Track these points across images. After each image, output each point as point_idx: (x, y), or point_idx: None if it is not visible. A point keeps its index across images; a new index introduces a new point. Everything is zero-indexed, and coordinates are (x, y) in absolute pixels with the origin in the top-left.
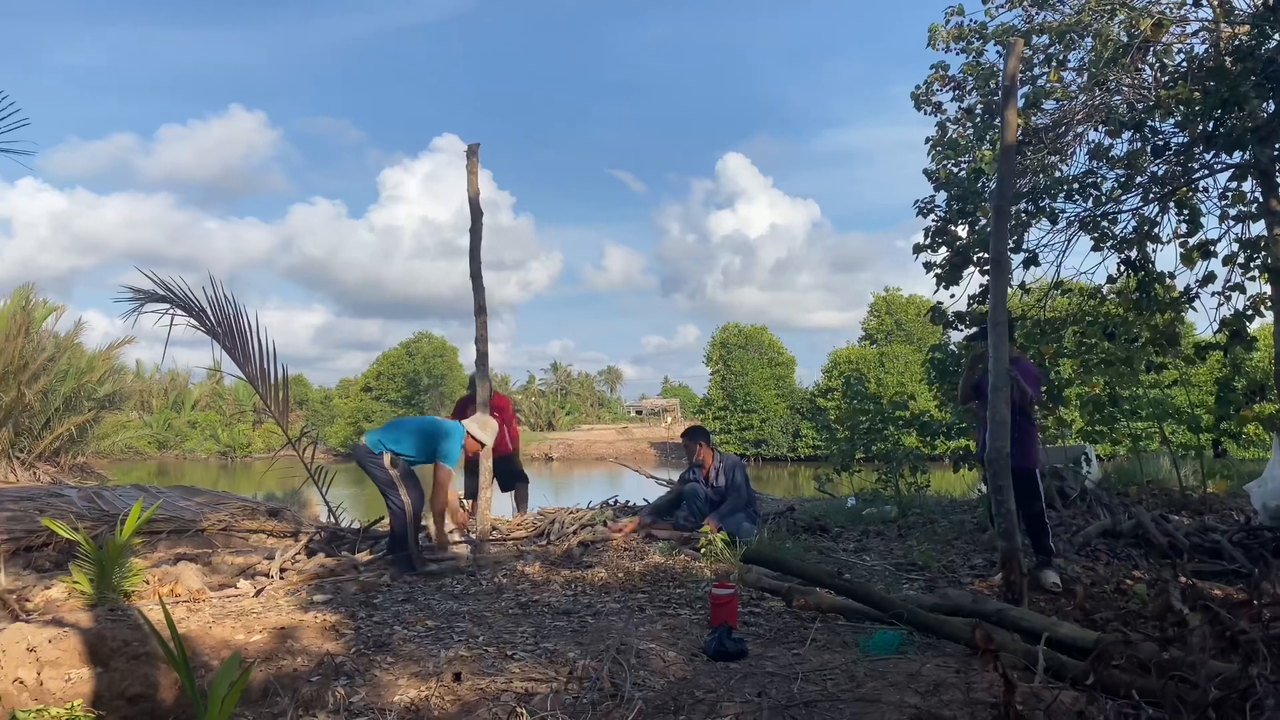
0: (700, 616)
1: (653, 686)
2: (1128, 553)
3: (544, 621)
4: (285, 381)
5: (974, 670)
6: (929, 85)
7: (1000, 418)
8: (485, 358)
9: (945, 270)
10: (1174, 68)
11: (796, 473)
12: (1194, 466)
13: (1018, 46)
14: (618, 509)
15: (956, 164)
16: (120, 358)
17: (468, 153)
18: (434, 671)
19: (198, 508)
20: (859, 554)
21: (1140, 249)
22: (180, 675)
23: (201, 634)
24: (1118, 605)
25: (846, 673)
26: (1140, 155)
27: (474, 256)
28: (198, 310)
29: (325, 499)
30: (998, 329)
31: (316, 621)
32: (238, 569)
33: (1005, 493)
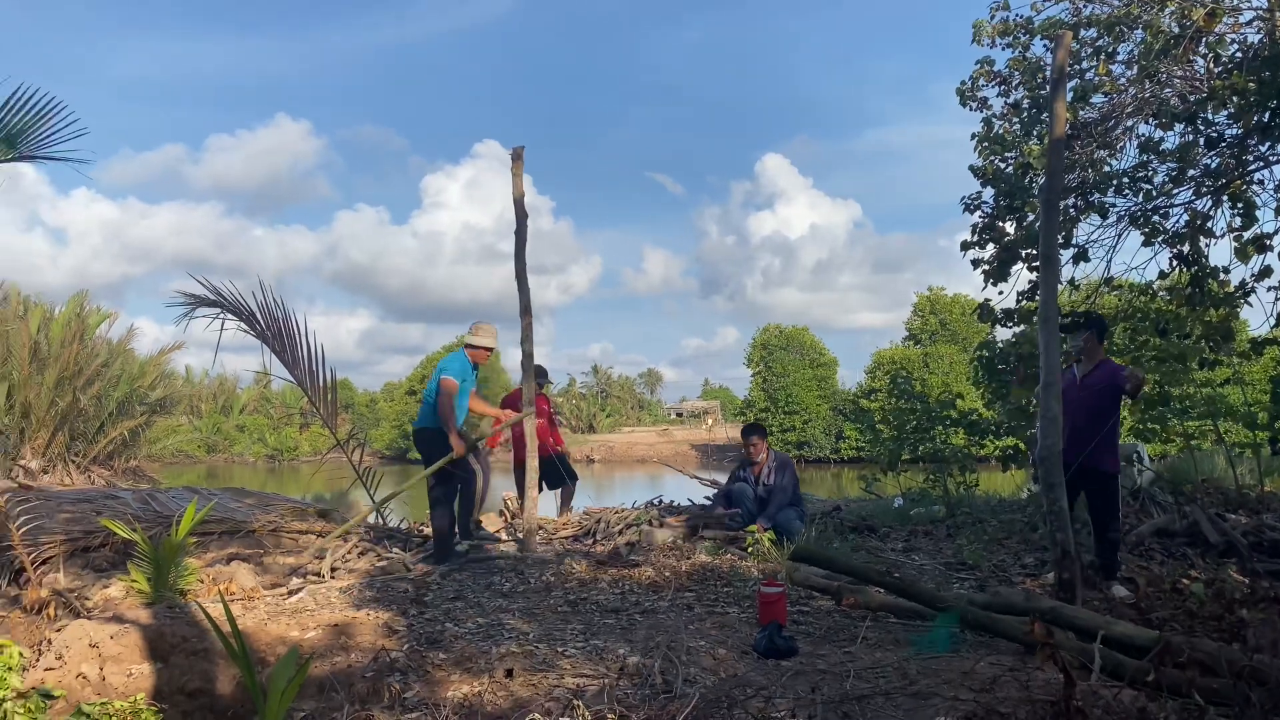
0: (748, 615)
1: (704, 683)
2: (1183, 551)
3: (593, 619)
4: (334, 384)
5: (1028, 668)
6: (974, 81)
7: (1051, 415)
8: (531, 359)
9: (993, 267)
10: (1228, 58)
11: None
12: (1250, 465)
13: (1066, 39)
14: (662, 509)
15: (1003, 159)
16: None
17: (512, 156)
18: (486, 668)
19: (248, 509)
20: (907, 553)
21: (1193, 243)
22: (241, 669)
23: (257, 630)
24: (1174, 604)
25: (899, 670)
26: (1192, 148)
27: (519, 258)
28: (248, 315)
29: (373, 499)
30: (1048, 326)
31: (369, 619)
32: (289, 568)
33: (1057, 490)
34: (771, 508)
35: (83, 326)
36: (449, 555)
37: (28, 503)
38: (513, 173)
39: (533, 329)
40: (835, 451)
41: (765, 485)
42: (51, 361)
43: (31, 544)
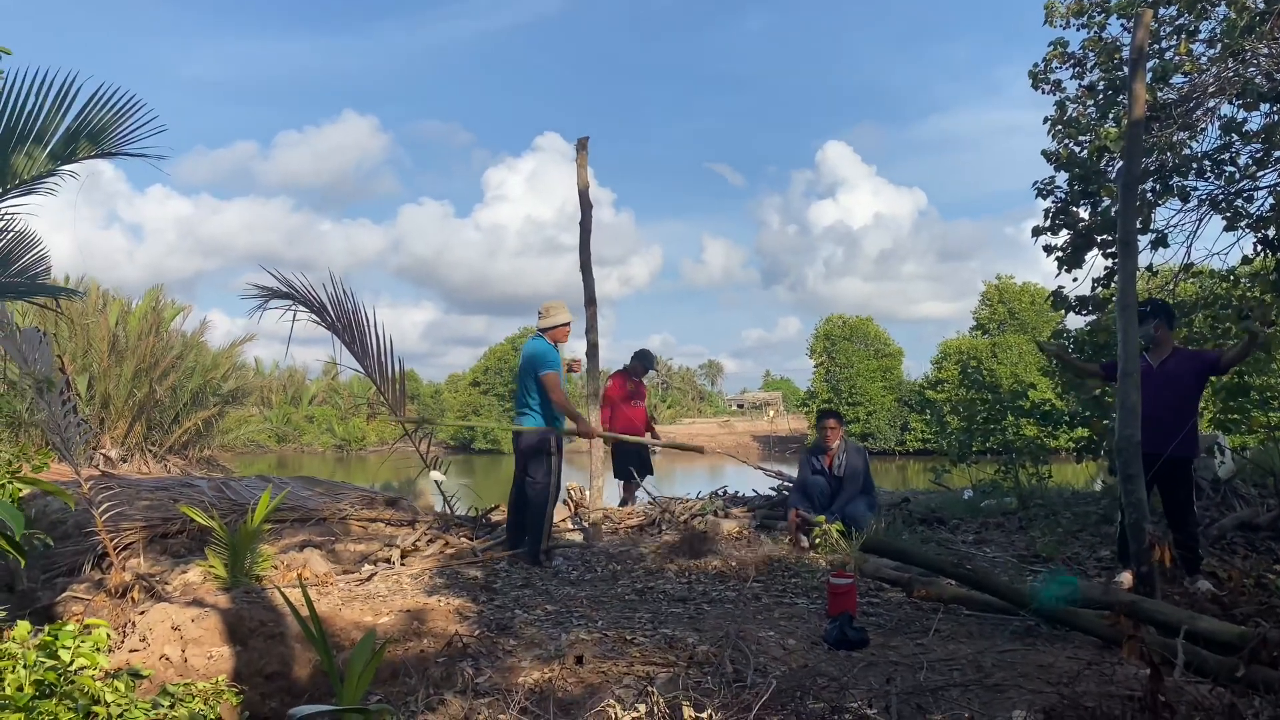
0: (817, 606)
1: (774, 672)
2: (1267, 546)
3: (660, 608)
4: (403, 376)
5: (1108, 662)
6: (1047, 63)
7: (1130, 404)
8: (596, 348)
9: (1066, 253)
10: None
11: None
12: None
13: (1145, 17)
14: (727, 499)
15: (1077, 143)
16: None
17: (577, 147)
18: (556, 654)
19: (318, 497)
20: (978, 546)
21: (1278, 228)
22: (319, 653)
23: (332, 615)
24: (1259, 599)
25: (973, 662)
26: (1278, 128)
27: (584, 247)
28: (319, 306)
29: (440, 489)
30: (1126, 313)
31: (440, 605)
32: (360, 555)
33: (1135, 481)
34: (842, 498)
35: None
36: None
37: (109, 490)
38: (577, 163)
39: (596, 318)
40: (900, 444)
41: (837, 474)
42: (129, 354)
43: (113, 530)
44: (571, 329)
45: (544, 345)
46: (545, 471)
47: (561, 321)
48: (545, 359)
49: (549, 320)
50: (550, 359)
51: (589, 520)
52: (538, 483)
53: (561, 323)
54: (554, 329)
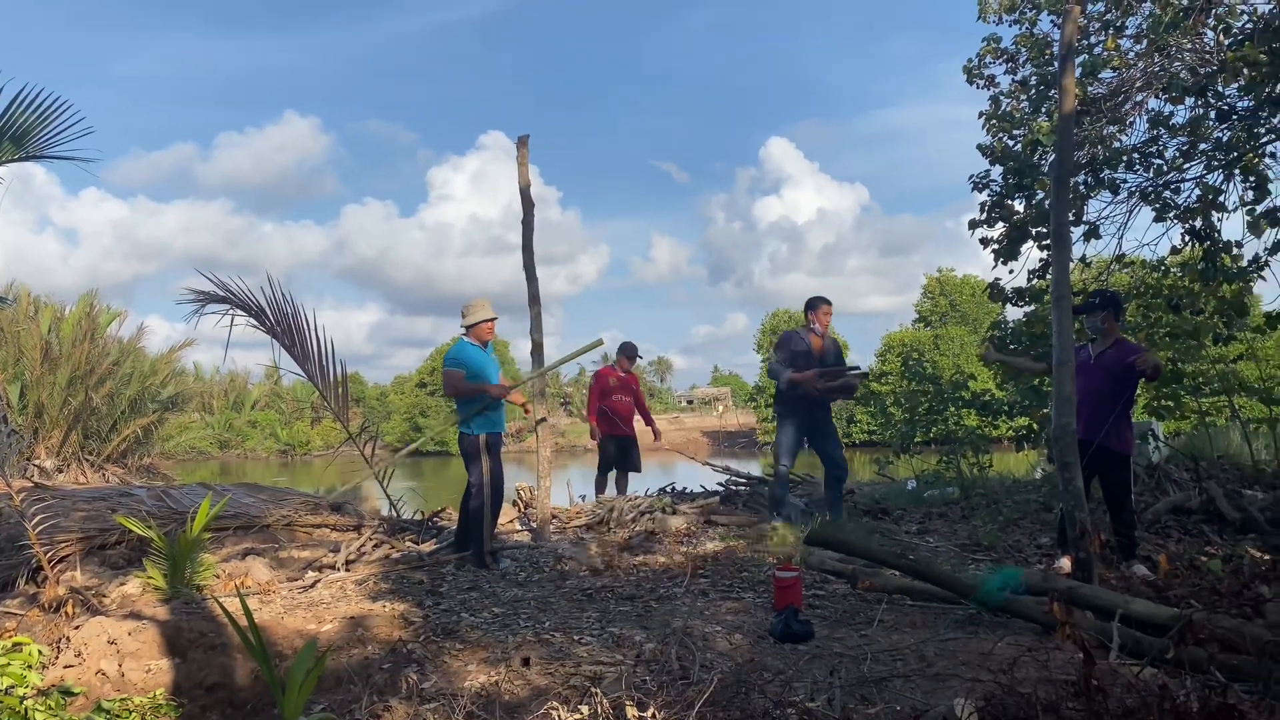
0: (764, 600)
1: (721, 668)
2: (1199, 529)
3: (608, 607)
4: (344, 378)
5: (1046, 648)
6: (981, 59)
7: (1065, 394)
8: (540, 348)
9: (1002, 246)
10: (1239, 29)
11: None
12: (1266, 440)
13: (1074, 13)
14: (675, 496)
15: (1012, 137)
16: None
17: (518, 144)
18: (502, 657)
19: (261, 504)
20: (922, 536)
21: (1205, 218)
22: (259, 663)
23: (274, 624)
24: (1192, 581)
25: (916, 652)
26: (1203, 122)
27: (526, 248)
28: (257, 310)
29: (386, 492)
30: (1061, 304)
31: (385, 611)
32: (304, 562)
33: (1072, 469)
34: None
35: (93, 326)
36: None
37: (43, 502)
38: (518, 162)
39: (542, 318)
40: (847, 435)
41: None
42: (63, 361)
43: (48, 542)
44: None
45: (458, 346)
46: (479, 473)
47: (480, 319)
48: (448, 359)
49: (467, 320)
50: (453, 357)
51: (537, 520)
52: (473, 484)
53: (481, 320)
54: (476, 326)
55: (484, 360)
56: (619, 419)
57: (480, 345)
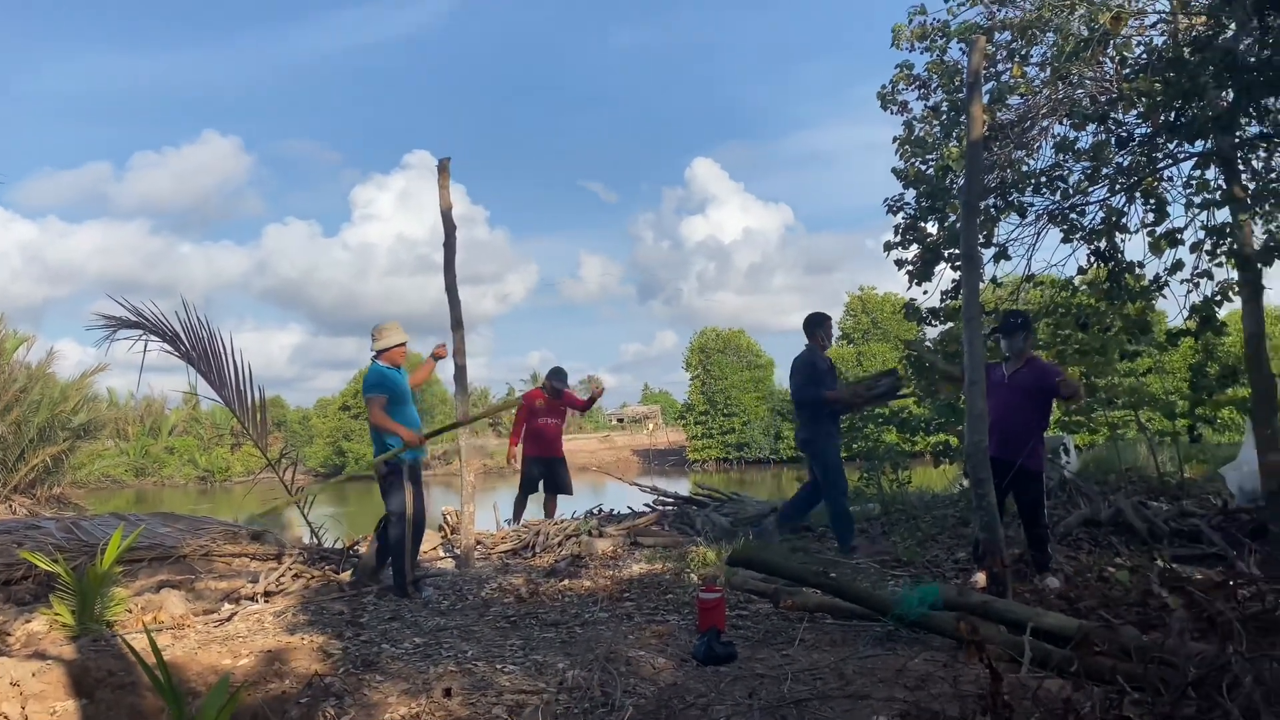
0: (688, 621)
1: (643, 693)
2: (1109, 540)
3: (532, 633)
4: (263, 403)
5: (961, 663)
6: (894, 85)
7: (977, 411)
8: (463, 371)
9: (917, 267)
10: (1134, 60)
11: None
12: (1171, 452)
13: (980, 43)
14: (602, 518)
15: (924, 162)
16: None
17: (439, 167)
18: (424, 688)
19: (178, 534)
20: (844, 552)
21: (1109, 239)
22: (167, 702)
23: (187, 661)
24: (1101, 593)
25: (835, 671)
26: (1105, 147)
27: (448, 270)
28: (171, 335)
29: (307, 520)
30: (971, 324)
31: (304, 643)
32: (222, 594)
33: (985, 486)
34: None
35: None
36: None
37: None
38: (439, 185)
39: (465, 341)
40: (774, 452)
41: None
42: None
43: None
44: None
45: (375, 371)
46: (400, 501)
47: (392, 343)
48: (370, 384)
49: (382, 342)
50: (372, 383)
51: (461, 547)
52: (392, 513)
53: (393, 344)
54: (389, 350)
55: (404, 384)
56: (546, 441)
57: (394, 368)
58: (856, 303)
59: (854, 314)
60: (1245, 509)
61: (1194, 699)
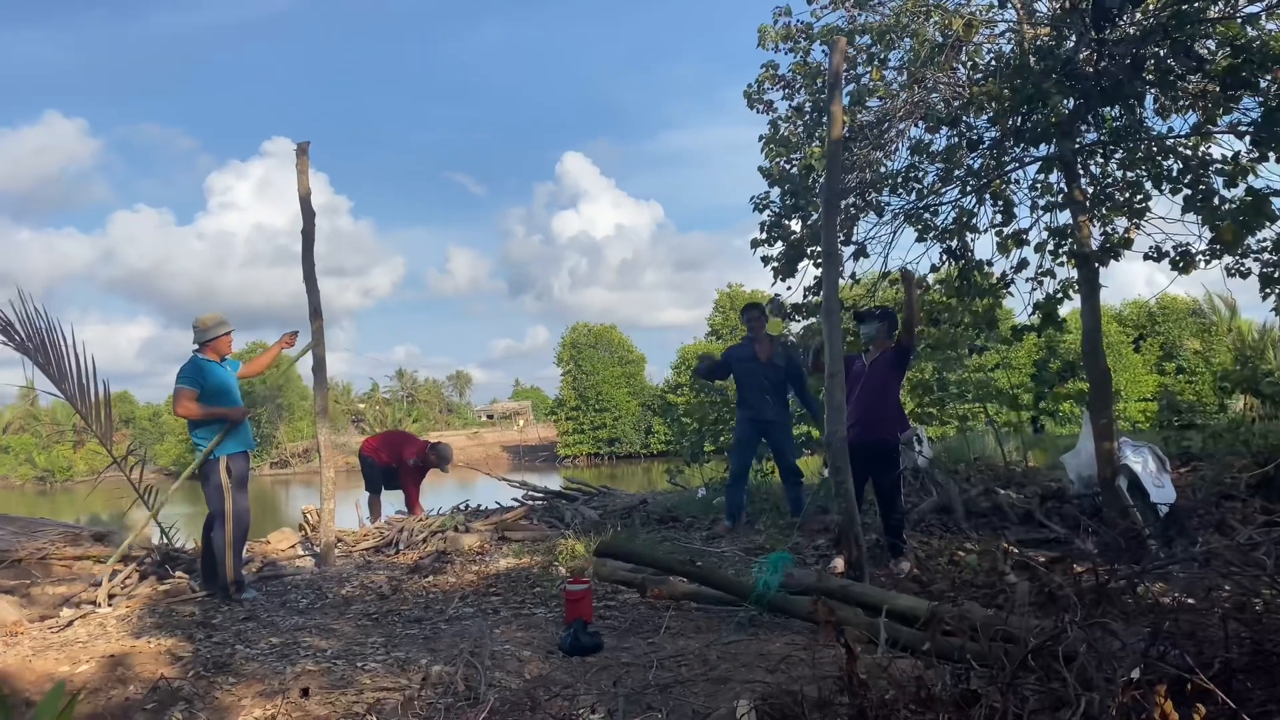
0: (556, 615)
1: (509, 686)
2: (959, 526)
3: (395, 630)
4: (108, 399)
5: (820, 646)
6: (760, 84)
7: (836, 403)
8: (323, 363)
9: (781, 264)
10: (984, 66)
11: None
12: (1016, 442)
13: (840, 45)
14: (468, 513)
15: (789, 161)
16: None
17: (297, 151)
18: (280, 689)
19: (12, 536)
20: (711, 542)
21: (960, 239)
22: None
23: (20, 669)
24: (952, 576)
25: (700, 656)
26: (957, 150)
27: (307, 259)
28: (4, 325)
29: (156, 520)
30: (831, 318)
31: (150, 647)
32: (60, 598)
33: (844, 474)
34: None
35: None
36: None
37: None
38: (298, 169)
39: (323, 332)
40: (645, 446)
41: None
42: None
43: None
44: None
45: (191, 363)
46: (219, 499)
47: (222, 332)
48: (181, 376)
49: (209, 333)
50: (185, 375)
51: (320, 545)
52: (214, 511)
53: (222, 333)
54: (214, 341)
55: (226, 377)
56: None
57: (218, 360)
58: (725, 299)
59: (723, 311)
60: (1082, 494)
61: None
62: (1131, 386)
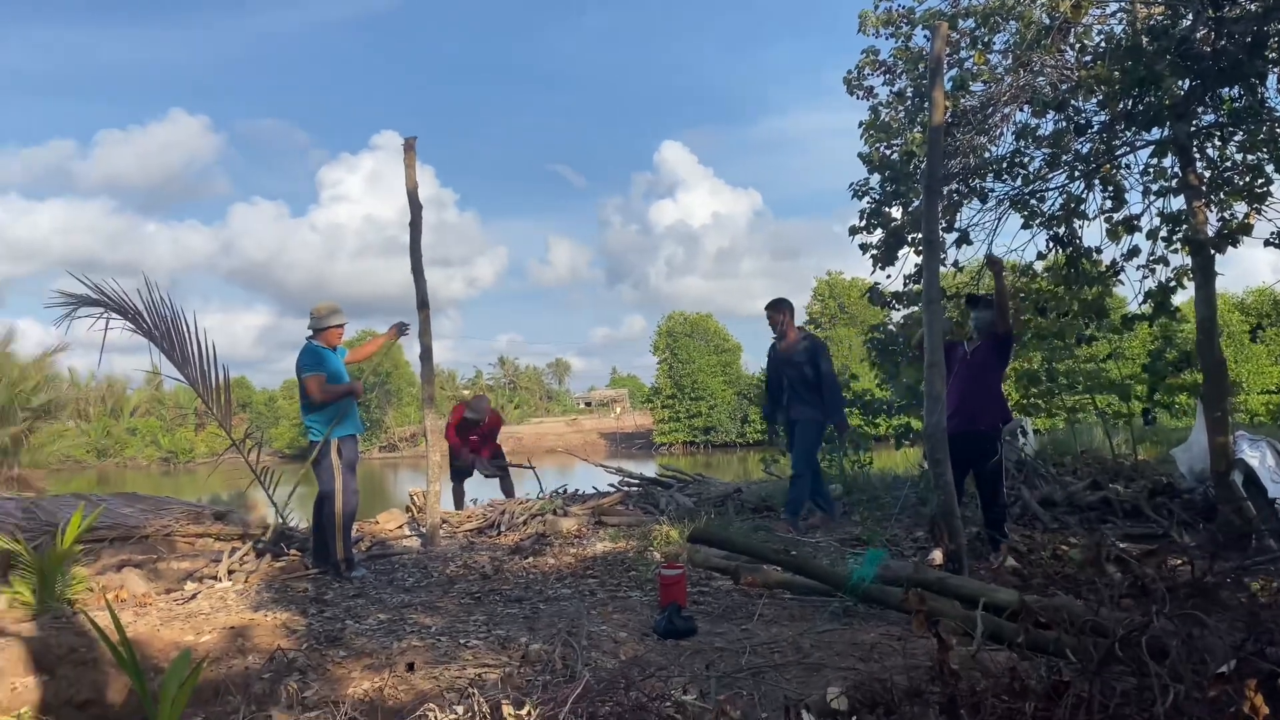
0: (651, 598)
1: (604, 666)
2: (1064, 520)
3: (496, 609)
4: (227, 384)
5: (911, 637)
6: (860, 70)
7: (935, 393)
8: (429, 352)
9: (881, 251)
10: (1094, 48)
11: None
12: (1126, 435)
13: (942, 30)
14: (566, 498)
15: (889, 147)
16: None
17: (405, 147)
18: (387, 663)
19: (140, 514)
20: (805, 532)
21: (1068, 225)
22: (130, 676)
23: (150, 637)
24: (1054, 569)
25: (793, 644)
26: (1065, 134)
27: (414, 250)
28: (133, 313)
29: (272, 500)
30: (931, 307)
31: (267, 620)
32: (184, 573)
33: (943, 465)
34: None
35: None
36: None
37: None
38: (405, 164)
39: (431, 321)
40: (741, 435)
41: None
42: None
43: None
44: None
45: (308, 349)
46: (330, 479)
47: (336, 323)
48: (304, 363)
49: (325, 321)
50: (309, 361)
51: (426, 526)
52: (324, 492)
53: (335, 324)
54: (326, 330)
55: (338, 363)
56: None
57: (329, 349)
58: (824, 287)
59: (821, 299)
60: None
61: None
62: (1255, 378)
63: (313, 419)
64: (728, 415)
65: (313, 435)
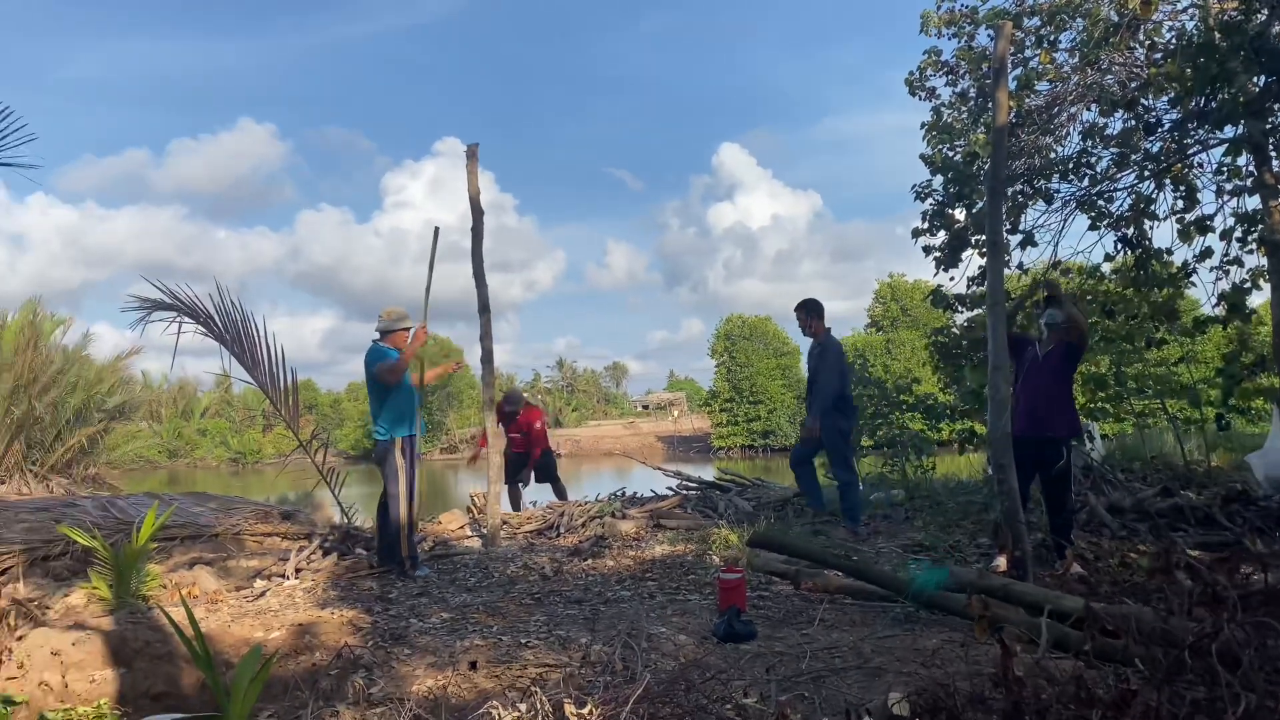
0: (710, 601)
1: (664, 668)
2: (1133, 527)
3: (556, 610)
4: (295, 385)
5: (974, 643)
6: (922, 71)
7: (1000, 397)
8: (490, 355)
9: (944, 253)
10: (1164, 45)
11: None
12: (1198, 441)
13: (1006, 29)
14: (625, 501)
15: (952, 148)
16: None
17: (467, 154)
18: (450, 661)
19: (211, 513)
20: (867, 537)
21: (1137, 226)
22: (203, 670)
23: (221, 633)
24: (1122, 577)
25: (853, 649)
26: (1134, 133)
27: (476, 255)
28: (205, 317)
29: (338, 500)
30: (995, 310)
31: (334, 618)
32: (253, 571)
33: (1007, 471)
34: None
35: (36, 333)
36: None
37: None
38: (468, 170)
39: (491, 325)
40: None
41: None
42: (4, 370)
43: None
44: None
45: (377, 349)
46: (395, 479)
47: (404, 326)
48: (375, 357)
49: (395, 324)
50: (380, 354)
51: (487, 527)
52: (389, 492)
53: (403, 327)
54: (392, 334)
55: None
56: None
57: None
58: (886, 290)
59: (883, 301)
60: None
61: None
62: None
63: (380, 422)
64: (786, 419)
65: (378, 434)
